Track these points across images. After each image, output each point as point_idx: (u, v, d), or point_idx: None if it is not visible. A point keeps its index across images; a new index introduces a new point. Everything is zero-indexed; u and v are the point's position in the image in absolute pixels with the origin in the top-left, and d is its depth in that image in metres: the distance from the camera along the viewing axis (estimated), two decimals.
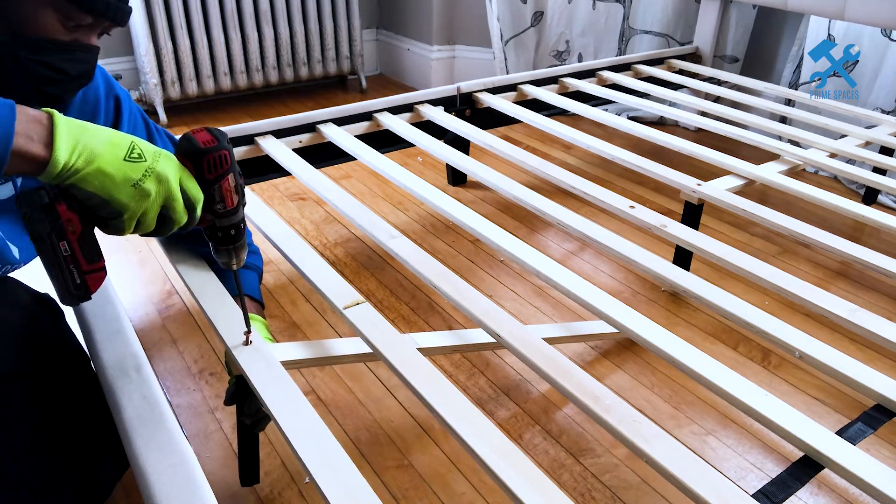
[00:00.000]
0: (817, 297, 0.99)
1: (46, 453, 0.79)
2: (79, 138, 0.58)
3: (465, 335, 1.06)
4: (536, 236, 1.68)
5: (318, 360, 0.91)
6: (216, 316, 0.89)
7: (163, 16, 2.23)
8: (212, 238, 0.73)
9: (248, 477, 0.97)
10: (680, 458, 0.71)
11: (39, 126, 0.56)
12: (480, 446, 0.70)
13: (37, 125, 0.56)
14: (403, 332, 1.30)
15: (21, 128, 0.54)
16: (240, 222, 0.74)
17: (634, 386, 1.19)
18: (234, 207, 0.71)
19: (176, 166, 0.64)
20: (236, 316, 0.87)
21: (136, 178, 0.60)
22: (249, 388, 0.79)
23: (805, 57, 1.98)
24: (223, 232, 0.73)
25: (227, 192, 0.70)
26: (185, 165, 0.66)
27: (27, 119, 0.55)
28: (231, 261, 0.75)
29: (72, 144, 0.57)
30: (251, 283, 0.99)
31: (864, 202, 1.81)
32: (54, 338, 0.86)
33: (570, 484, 1.00)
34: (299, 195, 1.86)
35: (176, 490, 0.64)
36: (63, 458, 0.81)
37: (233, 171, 0.70)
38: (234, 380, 0.87)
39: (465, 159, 1.46)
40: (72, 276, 0.64)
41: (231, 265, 0.76)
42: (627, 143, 1.72)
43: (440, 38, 2.69)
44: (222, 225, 0.72)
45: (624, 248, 1.12)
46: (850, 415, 1.12)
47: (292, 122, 1.52)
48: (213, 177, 0.68)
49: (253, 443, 0.95)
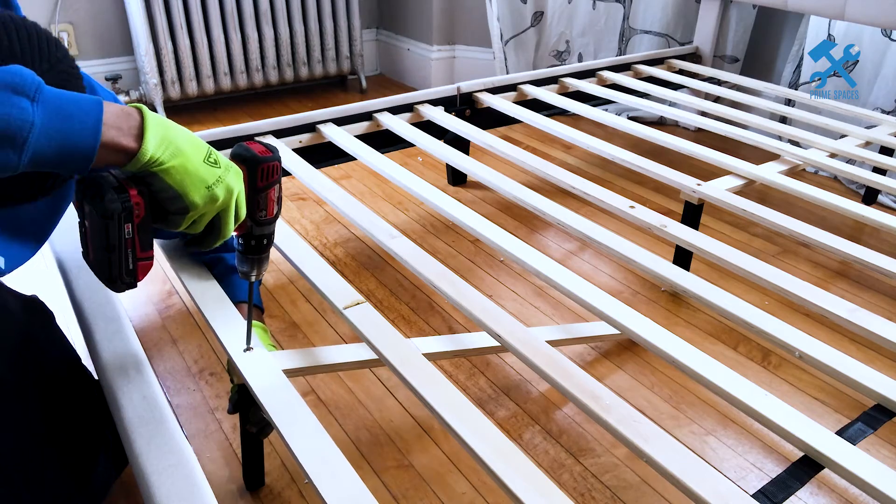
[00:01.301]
0: (817, 297, 0.99)
1: (43, 454, 0.80)
2: (165, 133, 0.61)
3: (464, 339, 1.06)
4: (536, 236, 1.68)
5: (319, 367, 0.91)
6: (217, 323, 0.89)
7: (163, 16, 2.23)
8: (245, 245, 0.76)
9: (252, 481, 0.98)
10: (680, 458, 0.71)
11: (130, 119, 0.59)
12: (480, 446, 0.70)
13: (127, 119, 0.59)
14: (404, 331, 1.31)
15: (111, 121, 0.57)
16: (272, 233, 0.77)
17: (634, 386, 1.19)
18: (273, 217, 0.74)
19: (241, 182, 0.68)
20: (238, 323, 0.88)
21: (210, 181, 0.64)
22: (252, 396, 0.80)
23: (805, 57, 1.98)
24: (256, 240, 0.75)
25: (272, 201, 0.73)
26: (241, 169, 0.69)
27: (116, 113, 0.58)
28: (252, 271, 0.77)
29: (160, 138, 0.60)
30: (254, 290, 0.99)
31: (864, 202, 1.81)
32: (45, 340, 0.86)
33: (570, 484, 1.00)
34: (299, 195, 1.86)
35: (176, 490, 0.64)
36: (60, 459, 0.82)
37: (279, 182, 0.73)
38: (236, 388, 0.87)
39: (465, 159, 1.46)
40: (126, 261, 0.66)
41: (251, 276, 0.78)
42: (627, 143, 1.72)
43: (440, 38, 2.69)
44: (258, 233, 0.75)
45: (624, 248, 1.12)
46: (850, 415, 1.12)
47: (292, 122, 1.52)
48: (264, 185, 0.71)
49: (257, 447, 0.95)
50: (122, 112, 0.59)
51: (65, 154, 0.55)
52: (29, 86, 0.53)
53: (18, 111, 0.52)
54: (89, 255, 0.68)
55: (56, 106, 0.54)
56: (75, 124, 0.55)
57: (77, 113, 0.55)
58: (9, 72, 0.52)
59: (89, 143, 0.56)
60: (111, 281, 0.67)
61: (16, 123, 0.52)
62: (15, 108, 0.52)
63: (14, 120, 0.52)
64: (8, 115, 0.51)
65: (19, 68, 0.53)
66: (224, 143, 1.42)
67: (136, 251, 0.66)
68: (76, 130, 0.55)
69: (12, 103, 0.52)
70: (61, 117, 0.54)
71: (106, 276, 0.66)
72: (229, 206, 0.66)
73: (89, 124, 0.56)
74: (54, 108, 0.54)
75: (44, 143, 0.53)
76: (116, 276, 0.66)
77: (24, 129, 0.52)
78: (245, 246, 0.76)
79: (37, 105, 0.53)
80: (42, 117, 0.53)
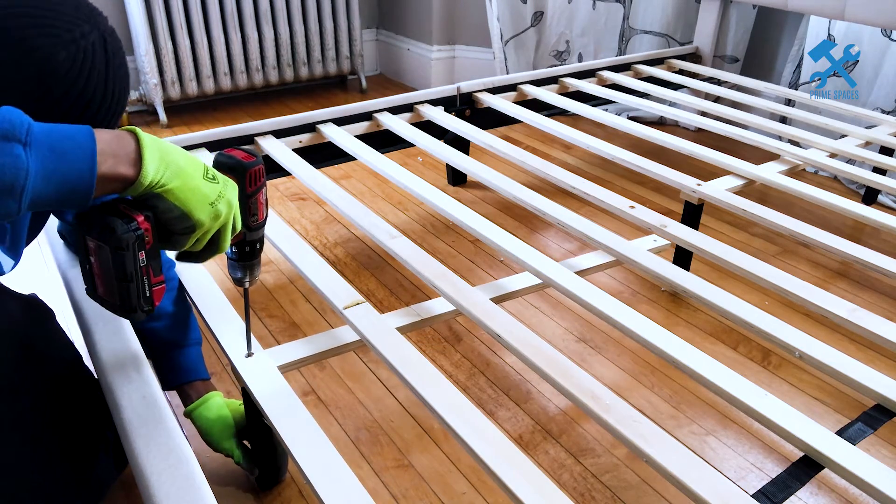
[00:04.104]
0: (817, 297, 0.99)
1: (44, 453, 0.80)
2: (163, 155, 0.60)
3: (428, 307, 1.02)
4: (536, 236, 1.68)
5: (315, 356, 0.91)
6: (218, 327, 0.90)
7: (163, 16, 2.23)
8: (238, 253, 0.75)
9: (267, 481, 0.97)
10: (680, 458, 0.71)
11: (124, 145, 0.57)
12: (480, 446, 0.70)
13: (121, 145, 0.57)
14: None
15: (106, 149, 0.56)
16: (263, 238, 0.76)
17: (634, 386, 1.19)
18: (263, 220, 0.74)
19: (237, 196, 0.67)
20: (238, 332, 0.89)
21: (212, 197, 0.63)
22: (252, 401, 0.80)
23: (805, 57, 1.98)
24: (250, 246, 0.75)
25: (261, 205, 0.73)
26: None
27: (109, 141, 0.57)
28: (245, 277, 0.77)
29: (158, 160, 0.59)
30: (196, 360, 0.94)
31: (864, 202, 1.81)
32: (45, 339, 0.86)
33: (570, 484, 1.00)
34: (299, 195, 1.86)
35: (176, 490, 0.64)
36: (61, 458, 0.82)
37: (265, 185, 0.73)
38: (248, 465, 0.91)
39: (465, 159, 1.46)
40: (144, 289, 0.65)
41: (244, 282, 0.78)
42: (627, 143, 1.72)
43: (440, 38, 2.69)
44: (251, 239, 0.75)
45: (623, 248, 1.12)
46: (850, 415, 1.12)
47: (292, 122, 1.52)
48: (253, 190, 0.71)
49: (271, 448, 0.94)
50: (114, 138, 0.57)
51: (63, 193, 0.54)
52: (19, 129, 0.51)
53: (12, 159, 0.50)
54: (97, 289, 0.66)
55: (49, 145, 0.53)
56: (70, 162, 0.53)
57: (71, 149, 0.54)
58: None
59: (86, 178, 0.54)
60: (130, 311, 0.65)
61: (10, 172, 0.50)
62: (8, 156, 0.50)
63: (9, 169, 0.50)
64: (2, 164, 0.50)
65: (8, 110, 0.52)
66: (224, 143, 1.42)
67: (151, 277, 0.65)
68: (72, 168, 0.54)
69: (4, 151, 0.50)
70: (55, 157, 0.53)
71: (125, 308, 0.65)
72: (229, 220, 0.66)
73: (85, 159, 0.54)
74: (47, 149, 0.52)
75: (41, 186, 0.52)
76: (136, 305, 0.65)
77: (19, 177, 0.51)
78: (239, 253, 0.75)
79: (29, 150, 0.51)
80: (36, 162, 0.51)
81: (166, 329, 0.93)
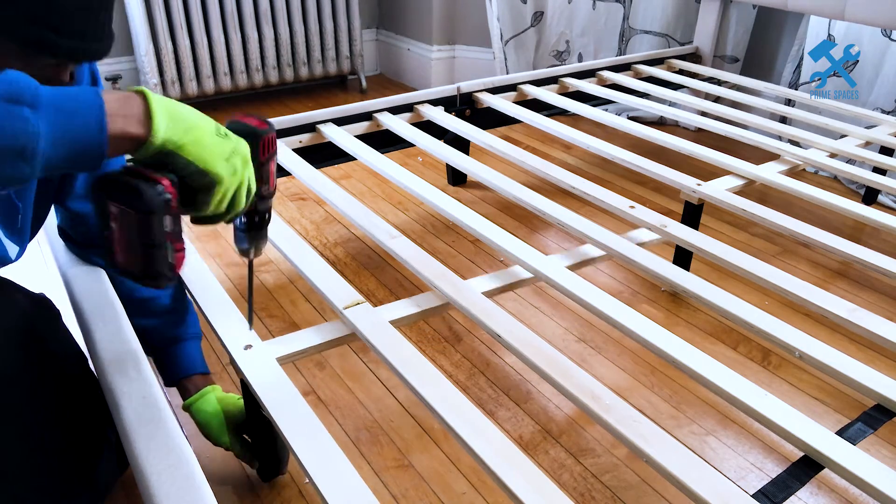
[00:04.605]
0: (817, 296, 0.99)
1: (48, 450, 0.80)
2: (173, 112, 0.59)
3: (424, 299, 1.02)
4: (536, 236, 1.68)
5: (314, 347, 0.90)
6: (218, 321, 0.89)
7: (163, 16, 2.23)
8: (248, 223, 0.75)
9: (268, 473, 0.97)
10: (680, 458, 0.71)
11: (132, 105, 0.57)
12: (480, 446, 0.70)
13: (129, 104, 0.57)
14: (403, 331, 1.30)
15: (114, 110, 0.55)
16: (271, 208, 0.76)
17: (634, 386, 1.18)
18: (273, 190, 0.74)
19: (249, 154, 0.66)
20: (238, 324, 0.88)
21: (227, 153, 0.62)
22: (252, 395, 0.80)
23: (805, 57, 1.98)
24: (259, 216, 0.75)
25: (272, 174, 0.72)
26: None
27: (118, 99, 0.56)
28: (251, 248, 0.77)
29: (168, 118, 0.58)
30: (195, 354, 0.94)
31: (864, 202, 1.81)
32: (53, 337, 0.86)
33: (570, 484, 1.00)
34: (299, 195, 1.86)
35: (176, 490, 0.64)
36: (65, 456, 0.82)
37: (276, 154, 0.72)
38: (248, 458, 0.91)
39: (465, 159, 1.46)
40: (167, 255, 0.64)
41: (249, 253, 0.78)
42: (627, 143, 1.72)
43: (440, 38, 2.69)
44: (262, 208, 0.74)
45: (623, 248, 1.12)
46: (850, 415, 1.12)
47: (292, 122, 1.52)
48: (265, 158, 0.70)
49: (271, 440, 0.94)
50: (122, 98, 0.57)
51: (76, 155, 0.54)
52: (26, 91, 0.51)
53: (21, 122, 0.50)
54: (116, 257, 0.65)
55: (56, 106, 0.52)
56: (79, 121, 0.53)
57: (78, 108, 0.54)
58: (4, 80, 0.50)
59: (97, 137, 0.54)
60: (154, 277, 0.64)
61: (21, 135, 0.50)
62: (17, 119, 0.50)
63: (19, 132, 0.50)
64: (12, 128, 0.50)
65: (14, 74, 0.51)
66: None
67: (174, 243, 0.64)
68: (82, 127, 0.53)
69: (14, 115, 0.50)
70: (64, 117, 0.53)
71: (149, 274, 0.64)
72: (244, 178, 0.65)
73: (93, 116, 0.54)
74: (55, 110, 0.52)
75: (53, 148, 0.52)
76: (160, 271, 0.64)
77: (30, 140, 0.50)
78: (248, 223, 0.75)
79: (38, 111, 0.51)
80: (46, 124, 0.51)
81: (165, 324, 0.93)
